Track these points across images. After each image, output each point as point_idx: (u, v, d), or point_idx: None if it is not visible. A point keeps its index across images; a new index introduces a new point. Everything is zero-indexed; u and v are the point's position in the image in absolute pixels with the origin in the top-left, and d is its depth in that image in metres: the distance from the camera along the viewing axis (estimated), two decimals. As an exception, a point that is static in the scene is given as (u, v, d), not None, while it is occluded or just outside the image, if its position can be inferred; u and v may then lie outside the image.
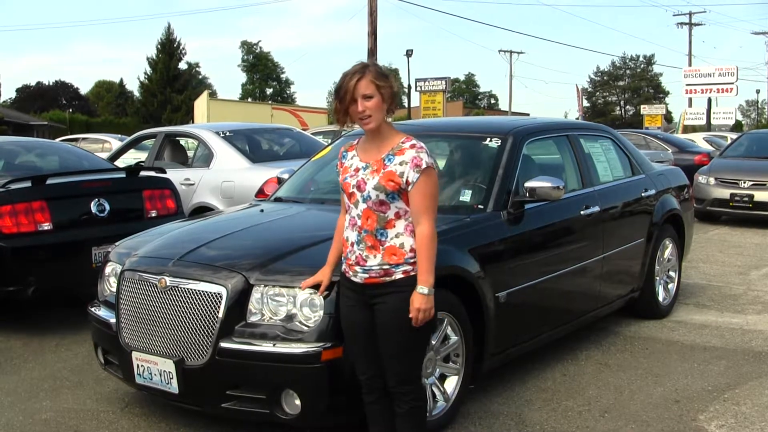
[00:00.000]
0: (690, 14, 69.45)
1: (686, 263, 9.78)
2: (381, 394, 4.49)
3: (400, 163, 4.23)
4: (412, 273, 4.25)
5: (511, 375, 6.44)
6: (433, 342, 5.26)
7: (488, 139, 6.63)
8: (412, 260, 4.26)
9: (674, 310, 8.63)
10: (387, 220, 4.28)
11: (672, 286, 8.65)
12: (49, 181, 8.01)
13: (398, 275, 4.26)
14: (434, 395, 5.35)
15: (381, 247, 4.27)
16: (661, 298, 8.34)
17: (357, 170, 4.36)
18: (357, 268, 4.33)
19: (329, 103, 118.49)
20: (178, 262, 5.27)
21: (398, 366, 4.35)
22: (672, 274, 8.65)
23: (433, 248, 4.22)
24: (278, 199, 6.96)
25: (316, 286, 4.72)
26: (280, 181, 7.49)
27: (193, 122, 44.87)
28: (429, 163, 4.23)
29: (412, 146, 4.27)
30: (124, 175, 8.90)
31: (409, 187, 4.21)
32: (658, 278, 8.26)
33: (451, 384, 5.46)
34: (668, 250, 8.50)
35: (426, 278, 4.20)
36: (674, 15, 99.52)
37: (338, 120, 4.42)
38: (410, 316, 4.20)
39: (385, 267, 4.26)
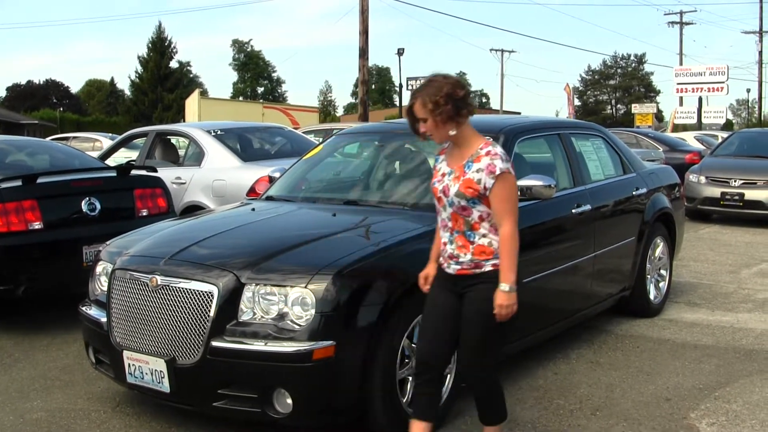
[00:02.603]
0: (681, 13, 69.82)
1: (677, 262, 9.81)
2: (434, 383, 4.66)
3: (477, 171, 4.43)
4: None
5: (502, 373, 6.41)
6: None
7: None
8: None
9: (665, 308, 8.65)
10: (472, 223, 4.51)
11: (663, 285, 8.66)
12: (39, 180, 7.97)
13: (488, 267, 4.49)
14: (426, 394, 5.34)
15: (471, 246, 4.52)
16: (652, 297, 8.36)
17: (443, 175, 4.60)
18: (451, 262, 4.58)
19: (321, 102, 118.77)
20: (169, 260, 5.26)
21: (476, 353, 4.55)
22: (663, 272, 8.66)
23: (515, 248, 4.42)
24: (269, 198, 6.96)
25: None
26: (271, 180, 7.48)
27: (184, 121, 44.78)
28: (503, 169, 4.41)
29: (488, 153, 4.45)
30: (115, 174, 8.87)
31: (487, 192, 4.41)
32: (649, 277, 8.28)
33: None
34: (659, 248, 8.51)
35: (508, 276, 4.40)
36: (665, 14, 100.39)
37: (416, 134, 4.64)
38: (494, 312, 4.40)
39: (475, 261, 4.51)
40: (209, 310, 4.90)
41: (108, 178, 8.80)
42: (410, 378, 5.18)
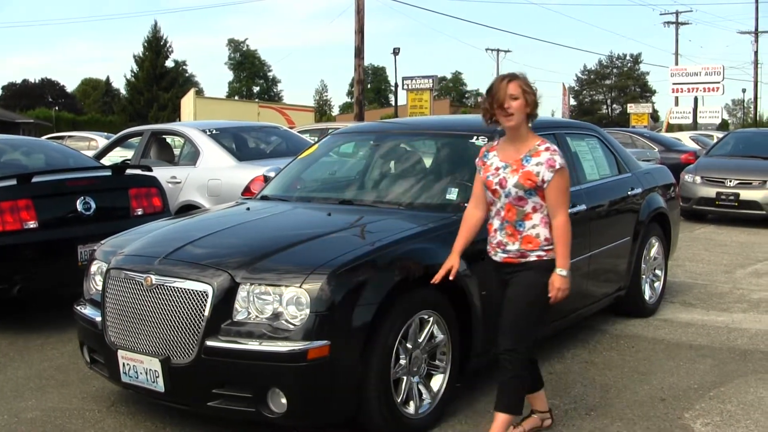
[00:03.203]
0: (677, 13, 69.82)
1: (672, 262, 9.82)
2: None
3: (537, 164, 4.84)
4: (545, 258, 4.89)
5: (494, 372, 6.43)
6: (419, 340, 5.27)
7: (475, 137, 6.63)
8: (546, 248, 4.90)
9: (660, 308, 8.66)
10: (525, 213, 4.91)
11: (658, 285, 8.67)
12: (34, 180, 7.97)
13: (532, 258, 4.90)
14: (420, 394, 5.34)
15: (519, 236, 4.92)
16: (647, 297, 8.36)
17: (497, 169, 4.96)
18: (498, 250, 5.00)
19: (316, 102, 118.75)
20: (164, 260, 5.25)
21: (511, 335, 4.89)
22: (658, 272, 8.66)
23: (569, 236, 4.87)
24: (264, 198, 6.96)
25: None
26: (266, 180, 7.49)
27: (179, 120, 44.77)
28: (561, 164, 4.85)
29: (547, 149, 4.89)
30: (110, 174, 8.87)
31: (545, 185, 4.82)
32: (644, 277, 8.28)
33: (437, 382, 5.46)
34: (654, 248, 8.51)
35: (563, 262, 4.84)
36: (661, 14, 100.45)
37: (485, 117, 5.01)
38: (550, 295, 4.85)
39: (521, 251, 4.91)
40: (204, 310, 4.89)
41: (103, 177, 8.80)
42: (404, 378, 5.20)
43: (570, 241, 4.86)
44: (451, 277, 5.03)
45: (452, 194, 6.24)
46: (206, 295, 4.91)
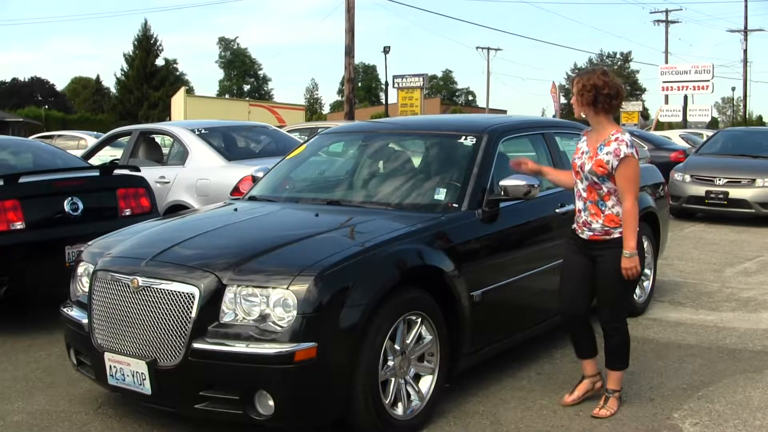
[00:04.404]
0: (666, 12, 69.89)
1: (662, 260, 9.82)
2: (579, 329, 5.82)
3: (607, 153, 5.42)
4: None
5: (486, 374, 6.43)
6: (407, 341, 5.26)
7: (463, 137, 6.63)
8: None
9: (649, 307, 8.67)
10: (603, 195, 5.52)
11: (647, 284, 8.66)
12: (21, 180, 7.92)
13: (616, 234, 5.52)
14: (409, 395, 5.33)
15: (602, 214, 5.54)
16: (636, 296, 8.35)
17: (582, 153, 5.62)
18: (584, 228, 5.64)
19: (307, 100, 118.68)
20: (150, 261, 5.23)
21: (611, 308, 5.65)
22: (647, 271, 8.64)
23: (635, 220, 5.42)
24: (252, 198, 6.93)
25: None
26: (254, 180, 7.45)
27: (170, 119, 44.70)
28: (627, 153, 5.38)
29: (616, 139, 5.43)
30: (97, 174, 8.83)
31: (613, 171, 5.40)
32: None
33: (426, 383, 5.45)
34: (644, 248, 8.49)
35: (628, 244, 5.41)
36: (651, 12, 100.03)
37: (574, 107, 5.71)
38: (623, 273, 5.44)
39: (606, 228, 5.54)
40: (191, 312, 4.87)
41: (91, 177, 8.75)
42: (392, 379, 5.18)
43: (636, 225, 5.42)
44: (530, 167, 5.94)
45: (440, 194, 6.23)
46: (193, 296, 4.89)
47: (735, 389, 6.23)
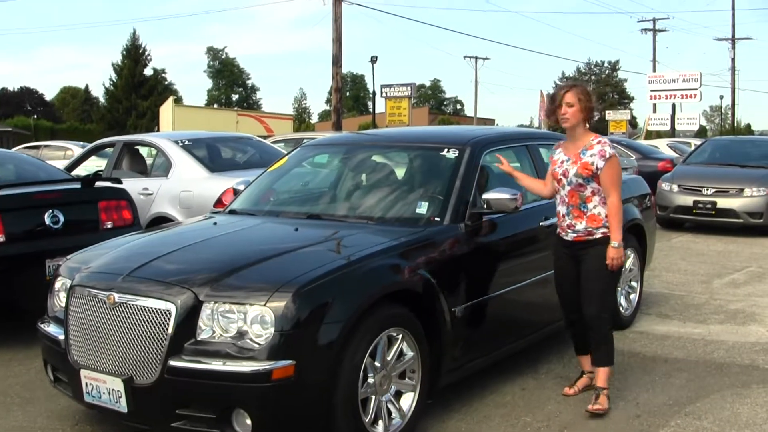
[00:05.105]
0: (654, 21, 69.83)
1: (649, 272, 9.76)
2: (580, 329, 6.17)
3: (591, 156, 5.87)
4: (609, 233, 5.90)
5: (469, 389, 6.35)
6: (388, 358, 5.17)
7: (446, 149, 6.56)
8: (608, 224, 5.90)
9: (636, 320, 8.60)
10: (585, 197, 5.93)
11: (634, 297, 8.60)
12: (2, 192, 7.82)
13: (598, 234, 5.94)
14: (390, 412, 5.24)
15: (584, 216, 5.96)
16: (622, 309, 8.28)
17: (562, 162, 6.01)
18: (568, 231, 6.03)
19: (295, 110, 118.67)
20: (127, 277, 5.14)
21: (596, 302, 5.94)
22: (634, 284, 8.59)
23: (620, 214, 5.87)
24: (233, 212, 6.85)
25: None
26: (235, 192, 7.36)
27: (158, 129, 44.62)
28: (611, 154, 5.87)
29: (599, 142, 5.92)
30: (78, 186, 8.73)
31: (599, 171, 5.84)
32: (619, 288, 8.19)
33: (407, 401, 5.35)
34: (630, 260, 8.43)
35: (615, 235, 5.86)
36: (638, 21, 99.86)
37: (549, 118, 6.24)
38: (607, 263, 5.86)
39: (588, 229, 5.95)
40: (167, 329, 4.78)
41: (71, 190, 8.64)
42: (372, 397, 5.09)
43: (621, 218, 5.86)
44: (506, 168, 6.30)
45: (422, 208, 6.15)
46: (169, 313, 4.80)
47: (723, 405, 6.16)
